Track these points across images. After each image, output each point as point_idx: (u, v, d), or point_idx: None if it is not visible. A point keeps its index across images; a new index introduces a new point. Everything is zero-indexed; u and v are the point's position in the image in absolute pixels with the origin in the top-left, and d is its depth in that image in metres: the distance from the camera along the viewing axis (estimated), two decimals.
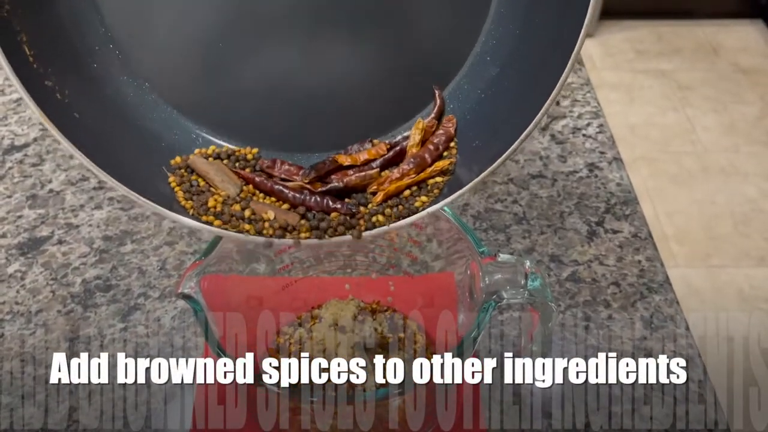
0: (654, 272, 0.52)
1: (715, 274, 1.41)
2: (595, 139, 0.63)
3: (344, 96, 0.39)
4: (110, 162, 0.33)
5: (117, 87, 0.37)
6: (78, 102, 0.34)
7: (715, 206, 1.55)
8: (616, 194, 0.58)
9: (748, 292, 1.37)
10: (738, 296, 1.36)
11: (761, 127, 1.75)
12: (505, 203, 0.58)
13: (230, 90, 0.38)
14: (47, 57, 0.33)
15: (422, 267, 0.48)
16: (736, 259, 1.43)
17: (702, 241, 1.48)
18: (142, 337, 0.48)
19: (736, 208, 1.54)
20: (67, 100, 0.34)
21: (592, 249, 0.54)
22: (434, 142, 0.37)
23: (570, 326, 0.49)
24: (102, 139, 0.35)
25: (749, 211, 1.53)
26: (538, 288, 0.37)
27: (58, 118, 0.32)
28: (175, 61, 0.38)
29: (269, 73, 0.38)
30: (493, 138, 0.36)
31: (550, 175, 0.60)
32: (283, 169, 0.37)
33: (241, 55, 0.37)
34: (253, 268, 0.46)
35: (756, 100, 1.83)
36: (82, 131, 0.34)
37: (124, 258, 0.53)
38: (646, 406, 0.44)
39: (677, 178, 1.62)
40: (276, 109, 0.39)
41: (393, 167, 0.38)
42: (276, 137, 0.39)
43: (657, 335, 0.48)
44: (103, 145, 0.35)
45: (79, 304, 0.50)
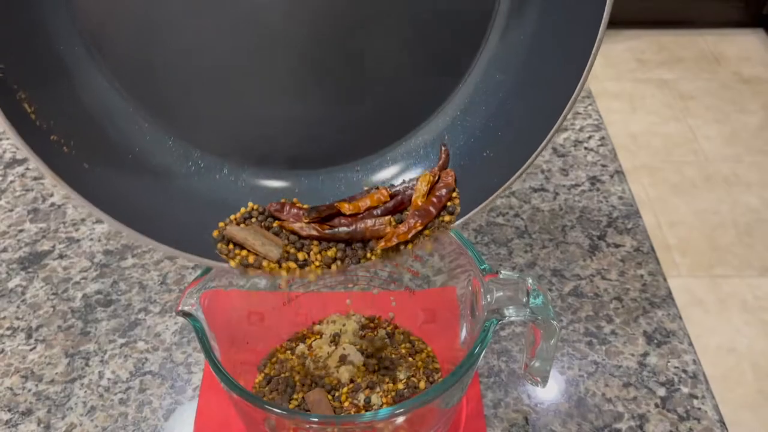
0: (656, 287, 0.52)
1: (718, 284, 1.41)
2: (596, 152, 0.63)
3: (340, 117, 0.38)
4: (135, 215, 0.33)
5: (121, 128, 0.36)
6: (83, 150, 0.33)
7: (717, 216, 1.54)
8: (618, 208, 0.58)
9: (751, 302, 1.37)
10: (741, 306, 1.36)
11: (763, 137, 1.75)
12: (507, 217, 0.57)
13: (234, 114, 0.38)
14: (47, 110, 0.32)
15: (424, 282, 0.48)
16: (739, 269, 1.43)
17: (705, 251, 1.47)
18: (142, 352, 0.48)
19: (739, 218, 1.54)
20: (74, 152, 0.33)
21: (594, 263, 0.54)
22: (437, 194, 0.37)
23: (572, 341, 0.48)
24: (116, 188, 0.34)
25: (752, 221, 1.53)
26: (541, 306, 0.37)
27: (70, 173, 0.31)
28: (176, 87, 0.37)
29: (269, 99, 0.38)
30: (510, 152, 0.35)
31: (551, 188, 0.60)
32: (291, 212, 0.37)
33: (244, 83, 0.37)
34: (254, 283, 0.46)
35: (758, 110, 1.83)
36: (95, 183, 0.33)
37: (124, 272, 0.53)
38: (649, 424, 0.44)
39: (679, 188, 1.62)
40: (276, 131, 0.39)
41: (393, 213, 0.38)
42: (278, 156, 0.39)
43: (660, 351, 0.48)
44: (119, 194, 0.34)
45: (79, 319, 0.50)
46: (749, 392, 1.21)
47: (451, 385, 0.34)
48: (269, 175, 0.39)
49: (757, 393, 1.21)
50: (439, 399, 0.35)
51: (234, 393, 0.34)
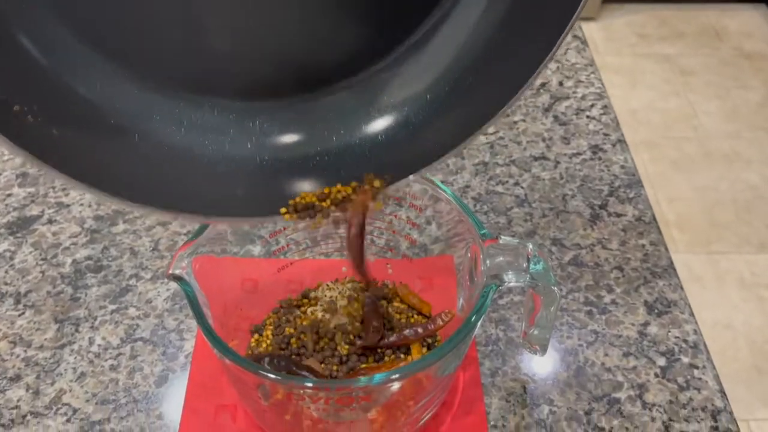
0: (658, 257, 0.51)
1: (715, 260, 1.40)
2: (599, 121, 0.62)
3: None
4: (118, 179, 0.30)
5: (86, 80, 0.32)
6: (48, 114, 0.30)
7: (716, 193, 1.54)
8: (620, 177, 0.57)
9: (749, 279, 1.36)
10: (739, 283, 1.36)
11: (764, 113, 1.73)
12: (507, 185, 0.56)
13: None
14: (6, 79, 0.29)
15: (421, 250, 0.47)
16: (737, 246, 1.42)
17: (703, 227, 1.47)
18: (133, 318, 0.47)
19: (738, 195, 1.53)
20: (39, 118, 0.29)
21: (595, 233, 0.53)
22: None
23: (572, 311, 0.48)
24: (94, 155, 0.31)
25: (751, 198, 1.52)
26: (541, 272, 0.36)
27: (40, 145, 0.28)
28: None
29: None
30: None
31: (552, 157, 0.59)
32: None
33: None
34: (248, 249, 0.45)
35: (759, 86, 1.81)
36: (70, 151, 0.30)
37: (115, 238, 0.52)
38: (648, 393, 0.43)
39: (678, 164, 1.61)
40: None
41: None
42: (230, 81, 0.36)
43: (660, 321, 0.47)
44: (98, 161, 0.31)
45: (69, 284, 0.49)
46: (745, 368, 1.21)
47: (448, 352, 0.33)
48: (246, 111, 0.36)
49: (752, 368, 1.21)
50: (436, 366, 0.34)
51: (226, 358, 0.33)
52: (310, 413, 0.34)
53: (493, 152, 0.59)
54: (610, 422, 0.42)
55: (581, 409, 0.42)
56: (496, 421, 0.42)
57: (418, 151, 0.36)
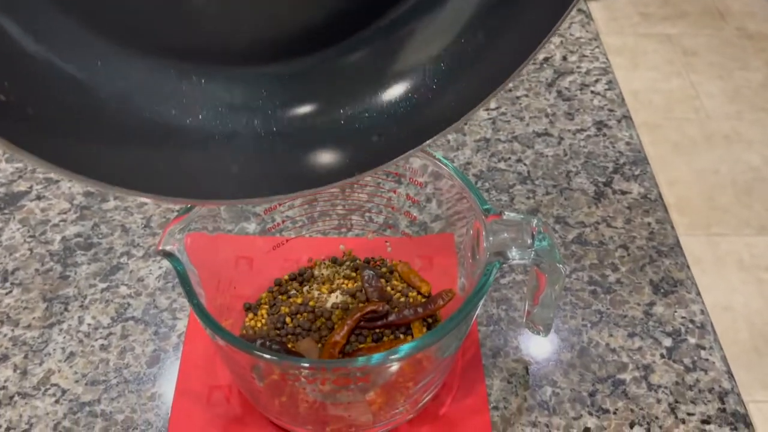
0: (664, 235, 0.50)
1: (715, 242, 1.39)
2: (603, 96, 0.60)
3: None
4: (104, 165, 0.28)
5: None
6: (20, 90, 0.26)
7: (717, 175, 1.52)
8: (625, 154, 0.55)
9: (748, 261, 1.35)
10: (738, 265, 1.35)
11: (766, 94, 1.71)
12: (509, 162, 0.55)
13: None
14: None
15: (421, 228, 0.45)
16: (736, 228, 1.41)
17: (703, 209, 1.45)
18: (124, 297, 0.45)
19: (739, 177, 1.51)
20: (11, 97, 0.25)
21: (600, 210, 0.51)
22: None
23: (575, 290, 0.46)
24: (78, 137, 0.28)
25: (751, 180, 1.51)
26: (546, 248, 0.35)
27: (15, 129, 0.24)
28: None
29: None
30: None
31: (556, 133, 0.57)
32: None
33: None
34: (243, 227, 0.43)
35: (761, 67, 1.79)
36: (46, 131, 0.26)
37: (106, 215, 0.50)
38: (654, 374, 0.42)
39: (679, 146, 1.59)
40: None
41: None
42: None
43: (667, 300, 0.46)
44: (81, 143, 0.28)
45: (58, 262, 0.47)
46: (744, 350, 1.21)
47: (449, 331, 0.32)
48: (250, 80, 0.32)
49: (752, 351, 1.20)
50: (436, 346, 0.33)
51: (218, 338, 0.32)
52: (306, 395, 0.33)
53: (495, 128, 0.57)
54: (614, 404, 0.41)
55: (585, 390, 0.41)
56: (497, 403, 0.41)
57: (428, 120, 0.33)
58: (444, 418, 0.40)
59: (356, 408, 0.34)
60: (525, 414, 0.40)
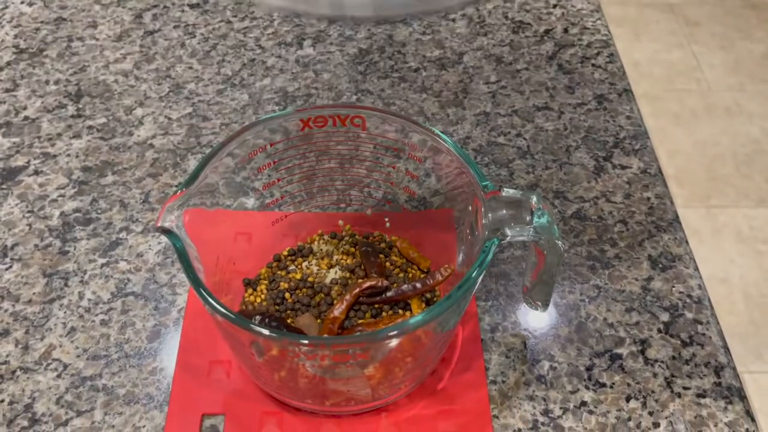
0: (663, 210, 0.50)
1: (714, 214, 1.39)
2: (604, 70, 0.60)
3: None
4: None
5: None
6: None
7: (717, 147, 1.52)
8: (625, 128, 0.55)
9: (746, 232, 1.36)
10: (736, 237, 1.35)
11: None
12: (509, 136, 0.54)
13: None
14: None
15: (420, 204, 0.45)
16: (735, 200, 1.41)
17: (702, 181, 1.45)
18: (124, 273, 0.46)
19: (739, 149, 1.51)
20: None
21: (599, 185, 0.51)
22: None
23: (574, 265, 0.46)
24: None
25: (752, 152, 1.50)
26: (545, 225, 0.35)
27: None
28: None
29: None
30: None
31: (556, 107, 0.57)
32: None
33: None
34: (242, 202, 0.43)
35: (764, 37, 1.77)
36: None
37: (104, 190, 0.50)
38: (651, 349, 0.42)
39: (680, 118, 1.58)
40: None
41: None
42: None
43: (665, 275, 0.46)
44: None
45: (57, 238, 0.47)
46: (741, 322, 1.22)
47: (448, 308, 0.32)
48: None
49: (748, 323, 1.21)
50: (435, 322, 0.33)
51: (217, 315, 0.32)
52: (306, 370, 0.33)
53: (495, 102, 0.57)
54: (611, 378, 0.41)
55: (582, 364, 0.42)
56: (495, 377, 0.41)
57: None
58: (442, 392, 0.40)
59: (355, 383, 0.35)
60: (523, 388, 0.41)
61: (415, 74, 0.59)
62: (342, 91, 0.57)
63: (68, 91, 0.57)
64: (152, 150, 0.53)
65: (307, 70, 0.59)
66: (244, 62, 0.60)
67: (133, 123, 0.55)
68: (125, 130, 0.54)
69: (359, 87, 0.58)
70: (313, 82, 0.58)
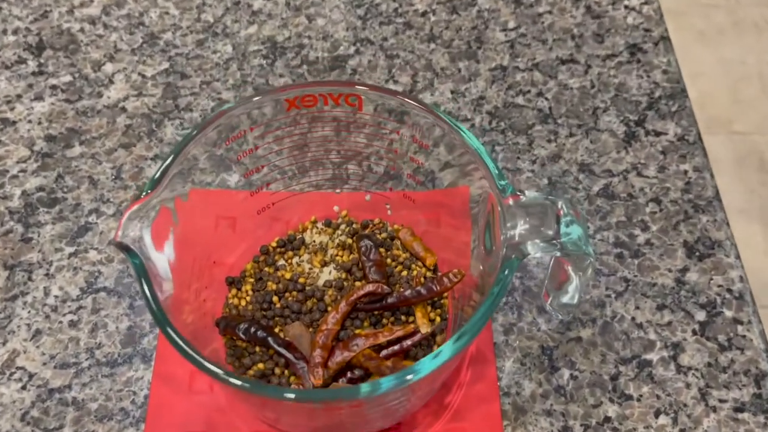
0: (702, 185, 0.44)
1: (736, 141, 1.32)
2: (639, 13, 0.52)
3: None
4: None
5: None
6: None
7: (743, 67, 1.42)
8: (661, 85, 0.48)
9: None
10: (760, 166, 1.29)
11: None
12: (528, 96, 0.48)
13: None
14: None
15: (427, 179, 0.39)
16: (760, 126, 1.34)
17: (725, 105, 1.37)
18: (94, 264, 0.41)
19: (766, 69, 1.42)
20: None
21: (630, 156, 0.45)
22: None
23: (599, 254, 0.41)
24: None
25: None
26: (575, 240, 0.29)
27: None
28: None
29: None
30: None
31: (583, 59, 0.50)
32: None
33: None
34: (223, 179, 0.38)
35: None
36: None
37: (71, 164, 0.45)
38: (684, 354, 0.38)
39: (704, 35, 1.48)
40: None
41: None
42: None
43: (702, 266, 0.41)
44: None
45: (18, 222, 0.42)
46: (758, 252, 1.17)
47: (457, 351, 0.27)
48: None
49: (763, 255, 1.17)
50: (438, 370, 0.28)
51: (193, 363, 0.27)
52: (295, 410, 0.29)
53: (513, 53, 0.50)
54: (639, 388, 0.37)
55: (606, 373, 0.37)
56: (509, 388, 0.37)
57: None
58: (450, 407, 0.36)
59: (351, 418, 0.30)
60: (539, 401, 0.36)
61: (422, 19, 0.52)
62: (338, 40, 0.50)
63: (28, 43, 0.50)
64: (124, 114, 0.47)
65: (299, 14, 0.52)
66: (227, 6, 0.52)
67: (102, 81, 0.48)
68: (93, 90, 0.48)
69: (358, 35, 0.51)
70: (306, 30, 0.51)
